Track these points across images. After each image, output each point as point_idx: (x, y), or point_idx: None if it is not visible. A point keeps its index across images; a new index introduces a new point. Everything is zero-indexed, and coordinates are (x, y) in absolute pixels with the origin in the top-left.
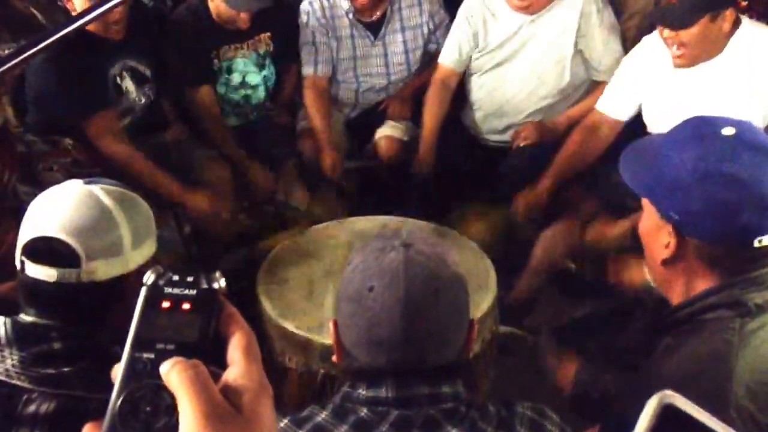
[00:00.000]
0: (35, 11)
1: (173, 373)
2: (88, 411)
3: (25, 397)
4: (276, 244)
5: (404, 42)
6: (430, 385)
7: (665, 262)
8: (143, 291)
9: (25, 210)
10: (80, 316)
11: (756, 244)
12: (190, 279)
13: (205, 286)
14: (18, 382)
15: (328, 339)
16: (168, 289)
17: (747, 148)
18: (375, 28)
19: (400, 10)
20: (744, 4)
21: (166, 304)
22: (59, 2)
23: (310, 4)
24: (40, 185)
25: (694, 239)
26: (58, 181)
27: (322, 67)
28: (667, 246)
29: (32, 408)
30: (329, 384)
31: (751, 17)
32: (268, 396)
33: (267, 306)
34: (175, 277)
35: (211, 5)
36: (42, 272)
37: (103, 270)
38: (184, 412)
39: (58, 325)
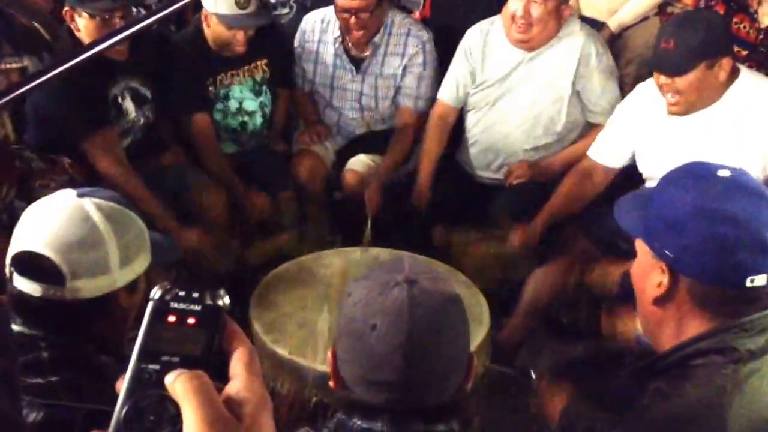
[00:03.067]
0: (38, 25)
1: (178, 383)
2: (76, 421)
3: None
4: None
5: (375, 88)
6: (426, 423)
7: (656, 302)
8: (150, 305)
9: None
10: (66, 329)
11: (748, 283)
12: (195, 295)
13: (209, 302)
14: None
15: (321, 365)
16: (174, 304)
17: (741, 189)
18: (359, 63)
19: (384, 54)
20: (744, 53)
21: (171, 319)
22: (63, 21)
23: (306, 22)
24: None
25: (688, 277)
26: None
27: (305, 85)
28: (659, 285)
29: None
30: (321, 411)
31: (750, 67)
32: (268, 408)
33: (259, 330)
34: (182, 293)
35: (207, 32)
36: (28, 286)
37: (89, 288)
38: (188, 419)
39: (45, 335)
